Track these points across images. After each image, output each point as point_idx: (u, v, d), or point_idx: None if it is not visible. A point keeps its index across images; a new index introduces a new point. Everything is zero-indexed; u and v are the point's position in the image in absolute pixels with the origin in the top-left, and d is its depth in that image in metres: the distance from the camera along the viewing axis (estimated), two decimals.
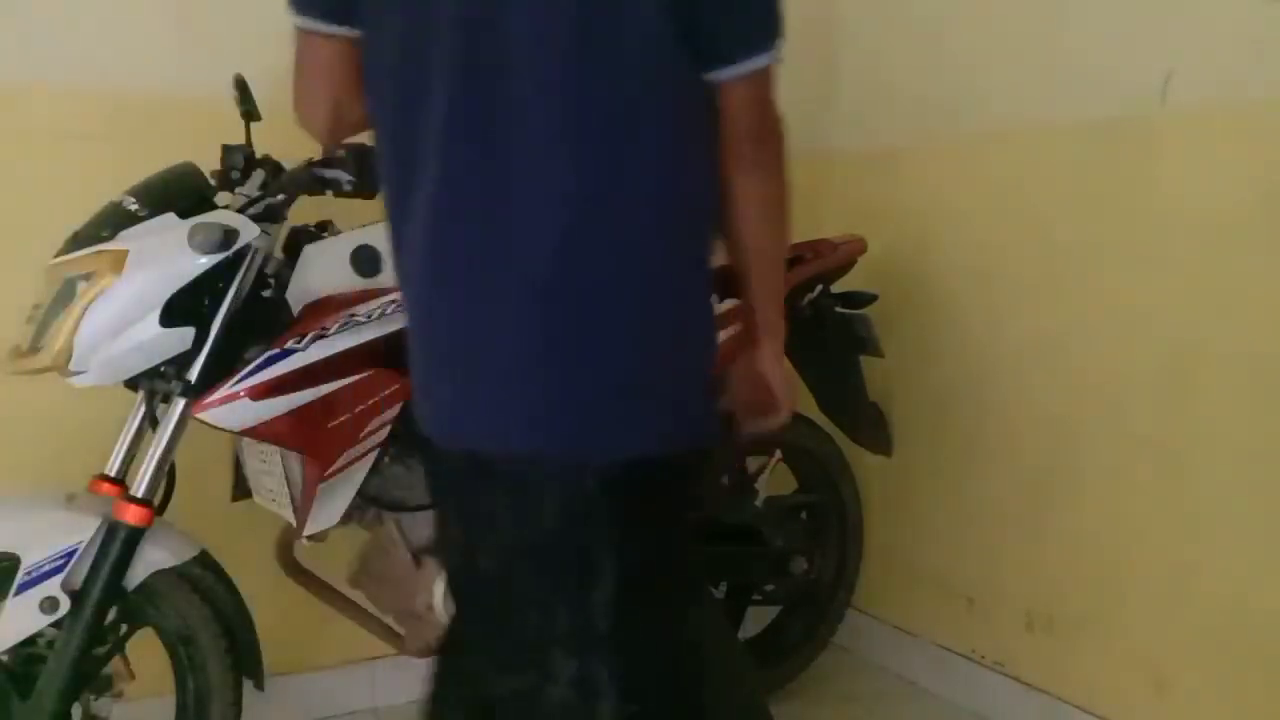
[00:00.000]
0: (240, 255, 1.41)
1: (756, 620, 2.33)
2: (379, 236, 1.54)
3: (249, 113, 1.59)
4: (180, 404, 1.40)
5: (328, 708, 2.19)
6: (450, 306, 1.12)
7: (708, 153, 1.16)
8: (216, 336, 1.39)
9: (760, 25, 1.13)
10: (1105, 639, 2.03)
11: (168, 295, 1.35)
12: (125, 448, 1.51)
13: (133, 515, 1.37)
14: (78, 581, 1.36)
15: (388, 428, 1.51)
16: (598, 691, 1.11)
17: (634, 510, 1.12)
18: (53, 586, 1.34)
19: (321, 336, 1.43)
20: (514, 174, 1.07)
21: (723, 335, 1.32)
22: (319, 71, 1.25)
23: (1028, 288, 2.19)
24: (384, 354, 1.50)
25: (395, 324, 1.50)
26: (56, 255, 1.39)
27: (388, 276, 1.52)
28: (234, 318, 1.41)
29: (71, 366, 1.32)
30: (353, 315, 1.46)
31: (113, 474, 1.49)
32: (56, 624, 1.35)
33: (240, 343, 1.43)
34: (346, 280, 1.51)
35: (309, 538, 1.54)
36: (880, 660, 2.53)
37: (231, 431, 1.41)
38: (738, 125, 1.14)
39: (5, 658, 1.38)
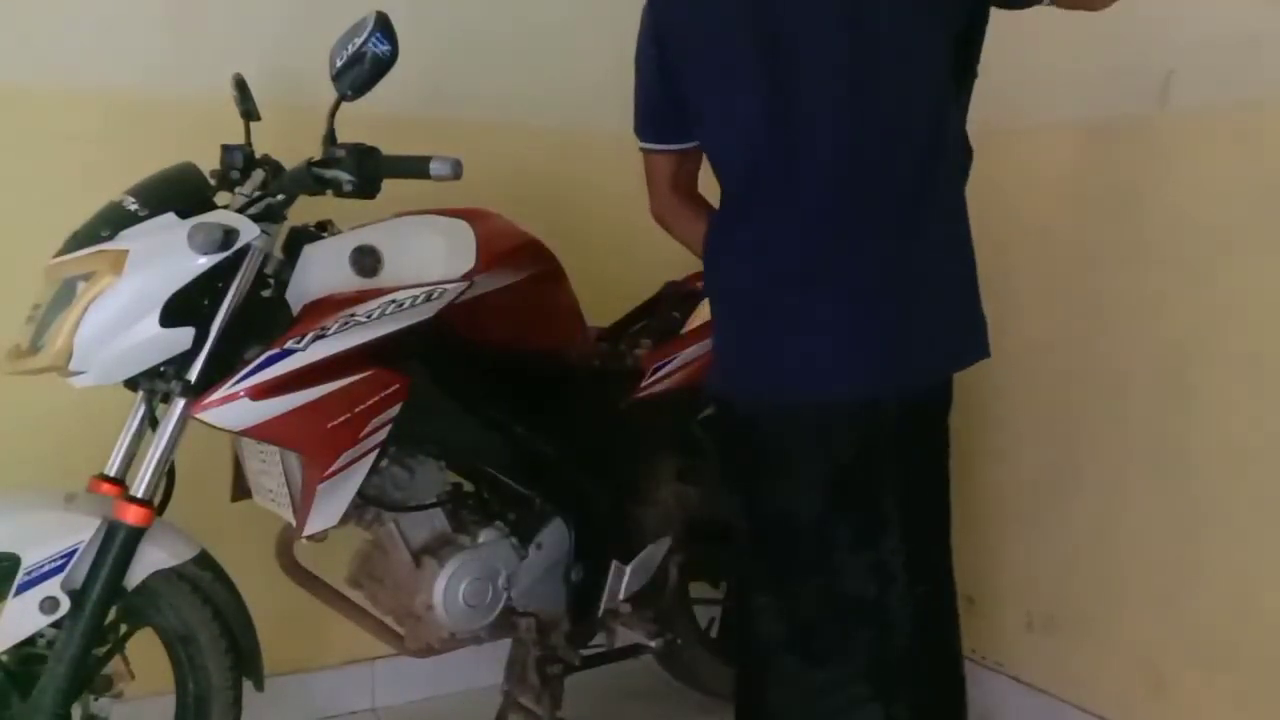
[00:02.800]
0: (240, 255, 1.40)
1: None
2: (379, 236, 1.55)
3: (248, 112, 1.59)
4: (180, 404, 1.40)
5: (328, 708, 2.19)
6: None
7: None
8: (216, 336, 1.39)
9: None
10: (1105, 639, 2.03)
11: (167, 295, 1.34)
12: (125, 448, 1.50)
13: (133, 515, 1.37)
14: (78, 581, 1.36)
15: (388, 428, 1.50)
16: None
17: None
18: (53, 586, 1.33)
19: (321, 336, 1.43)
20: None
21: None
22: (669, 180, 1.66)
23: (1027, 288, 2.19)
24: (383, 354, 1.50)
25: (395, 324, 1.50)
26: (56, 255, 1.39)
27: (387, 276, 1.52)
28: (234, 318, 1.41)
29: (71, 366, 1.32)
30: (352, 315, 1.46)
31: (113, 474, 1.49)
32: (56, 624, 1.35)
33: (240, 343, 1.42)
34: (346, 280, 1.50)
35: (309, 538, 1.53)
36: None
37: (231, 431, 1.41)
38: None
39: (5, 658, 1.38)
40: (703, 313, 2.01)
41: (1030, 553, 2.19)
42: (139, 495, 1.39)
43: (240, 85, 1.59)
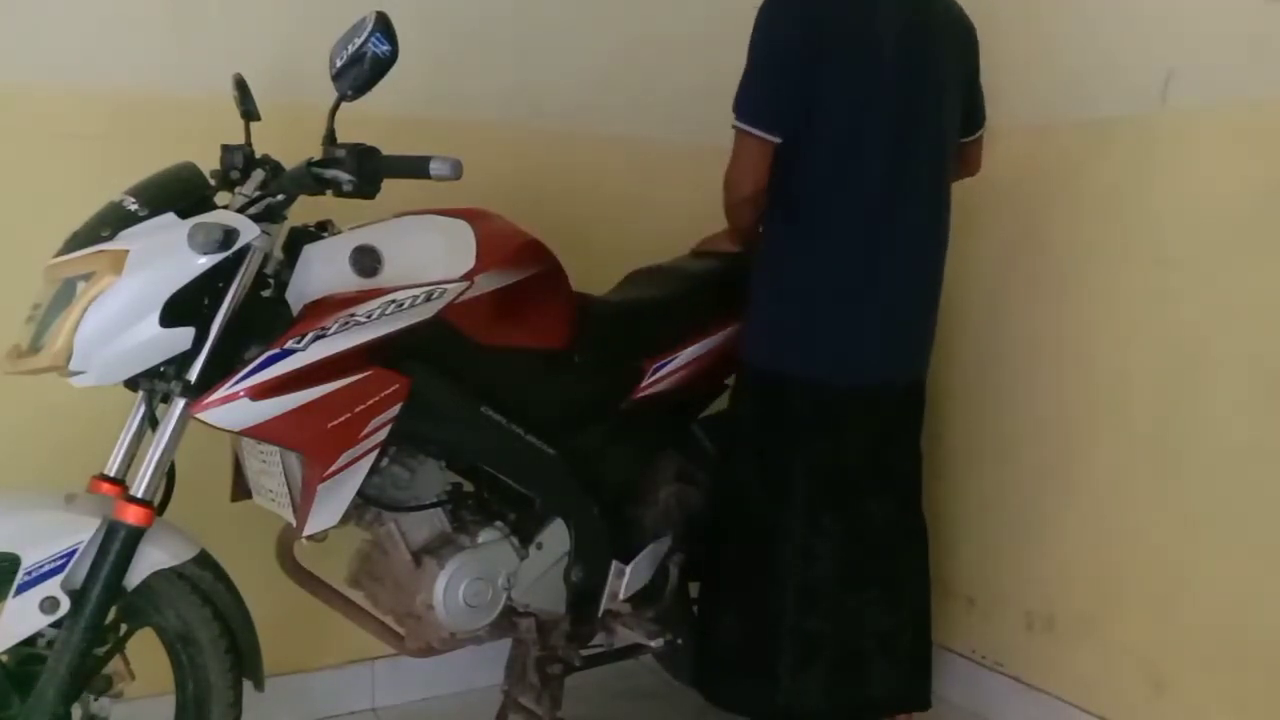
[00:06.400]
0: (240, 255, 1.40)
1: None
2: (379, 236, 1.55)
3: (249, 112, 1.59)
4: (180, 404, 1.40)
5: (328, 708, 2.19)
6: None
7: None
8: (216, 336, 1.39)
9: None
10: (1105, 639, 2.03)
11: (167, 295, 1.34)
12: (125, 448, 1.50)
13: (133, 515, 1.37)
14: (78, 581, 1.35)
15: (388, 428, 1.50)
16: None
17: None
18: (53, 586, 1.33)
19: (321, 336, 1.43)
20: None
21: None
22: (763, 172, 1.80)
23: (1027, 288, 2.20)
24: (384, 354, 1.50)
25: (395, 324, 1.50)
26: (56, 255, 1.38)
27: (387, 276, 1.52)
28: (234, 318, 1.40)
29: (71, 366, 1.32)
30: (352, 315, 1.46)
31: (113, 474, 1.49)
32: (56, 624, 1.35)
33: (240, 343, 1.42)
34: (346, 280, 1.50)
35: (309, 538, 1.53)
36: None
37: (231, 431, 1.41)
38: None
39: (5, 657, 1.38)
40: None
41: (1030, 553, 2.19)
42: (139, 495, 1.39)
43: (240, 85, 1.59)
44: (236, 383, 1.38)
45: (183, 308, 1.36)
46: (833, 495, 1.86)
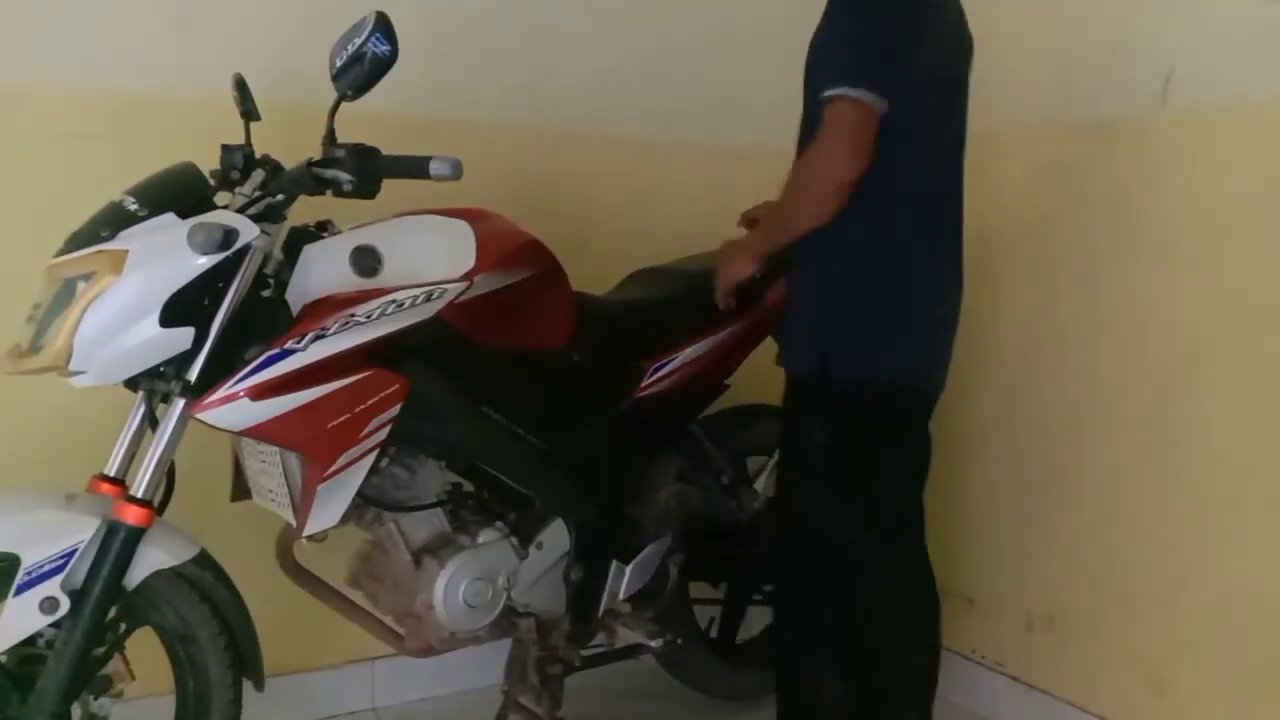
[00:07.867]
0: (240, 255, 1.40)
1: (757, 620, 2.32)
2: (379, 236, 1.55)
3: (249, 112, 1.59)
4: (180, 404, 1.40)
5: (328, 708, 2.19)
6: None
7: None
8: (216, 336, 1.39)
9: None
10: (1105, 639, 2.03)
11: (167, 295, 1.34)
12: (125, 448, 1.50)
13: (133, 515, 1.37)
14: (78, 581, 1.35)
15: (388, 428, 1.50)
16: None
17: None
18: (53, 586, 1.33)
19: (321, 336, 1.43)
20: None
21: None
22: (871, 149, 1.62)
23: (1027, 287, 2.20)
24: (383, 354, 1.50)
25: (395, 324, 1.50)
26: (56, 255, 1.39)
27: (387, 276, 1.52)
28: (234, 318, 1.41)
29: (71, 366, 1.32)
30: (352, 315, 1.46)
31: (113, 474, 1.49)
32: (56, 624, 1.35)
33: (240, 343, 1.42)
34: (346, 280, 1.50)
35: (309, 538, 1.53)
36: None
37: (231, 431, 1.41)
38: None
39: (5, 658, 1.38)
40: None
41: (1030, 553, 2.19)
42: (139, 495, 1.39)
43: (240, 85, 1.59)
44: (236, 383, 1.38)
45: (183, 308, 1.36)
46: (916, 513, 1.84)
